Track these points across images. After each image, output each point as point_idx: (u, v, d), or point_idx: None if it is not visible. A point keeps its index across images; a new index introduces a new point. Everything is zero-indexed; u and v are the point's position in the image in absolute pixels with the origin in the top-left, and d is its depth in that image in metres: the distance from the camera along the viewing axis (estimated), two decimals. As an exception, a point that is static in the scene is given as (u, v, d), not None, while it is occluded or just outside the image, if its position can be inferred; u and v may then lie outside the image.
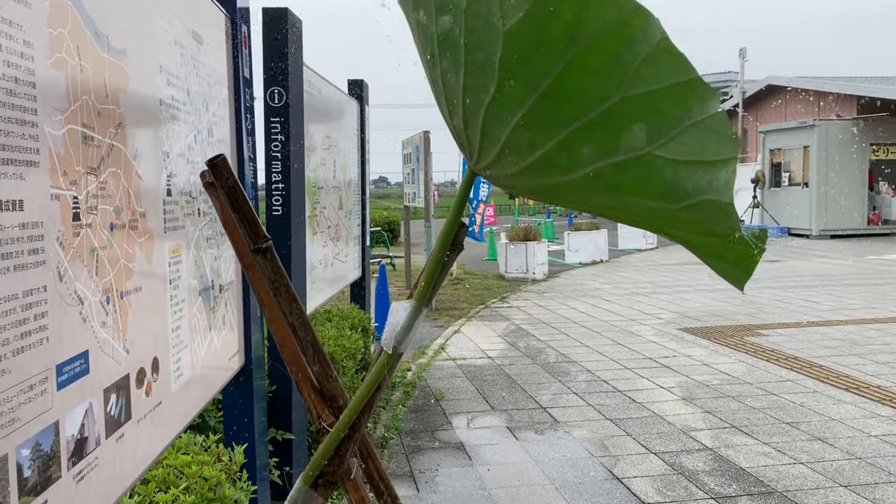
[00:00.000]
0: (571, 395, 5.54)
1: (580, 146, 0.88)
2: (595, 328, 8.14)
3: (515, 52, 0.85)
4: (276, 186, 3.24)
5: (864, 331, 7.67)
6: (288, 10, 3.27)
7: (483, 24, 0.86)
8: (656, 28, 0.78)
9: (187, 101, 2.10)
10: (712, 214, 0.83)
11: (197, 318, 2.19)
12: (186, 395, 2.08)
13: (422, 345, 7.48)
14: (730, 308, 9.21)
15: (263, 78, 3.28)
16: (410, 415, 5.11)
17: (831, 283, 11.40)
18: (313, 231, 3.81)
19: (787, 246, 17.81)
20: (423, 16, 0.97)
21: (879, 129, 19.51)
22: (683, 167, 0.82)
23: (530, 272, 12.83)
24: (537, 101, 0.87)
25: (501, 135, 0.93)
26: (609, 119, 0.85)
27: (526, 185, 1.01)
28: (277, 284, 1.04)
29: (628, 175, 0.87)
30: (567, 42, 0.81)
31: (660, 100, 0.81)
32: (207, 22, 2.37)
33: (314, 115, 3.88)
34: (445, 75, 0.98)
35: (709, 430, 4.68)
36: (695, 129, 0.80)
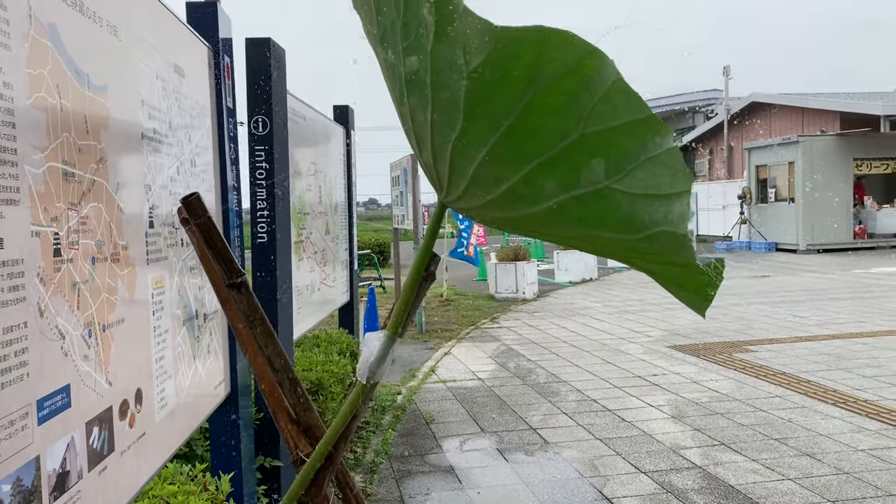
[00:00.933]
0: (561, 415, 5.55)
1: (543, 180, 0.91)
2: (585, 347, 8.16)
3: (479, 92, 0.88)
4: (260, 214, 3.26)
5: (851, 345, 7.72)
6: (271, 40, 3.32)
7: (448, 64, 0.89)
8: (611, 69, 0.81)
9: (169, 134, 2.13)
10: (669, 245, 0.86)
11: (181, 347, 2.20)
12: (171, 425, 2.09)
13: (412, 367, 7.47)
14: (718, 325, 9.25)
15: (247, 107, 3.31)
16: (400, 439, 5.10)
17: (819, 297, 11.48)
18: (299, 257, 3.83)
19: (775, 261, 17.93)
20: (392, 55, 1.00)
21: (862, 143, 19.75)
22: (640, 200, 0.85)
23: (520, 292, 12.85)
24: (501, 138, 0.90)
25: (468, 169, 0.96)
26: (569, 155, 0.88)
27: (493, 217, 1.04)
28: (253, 318, 1.06)
29: (589, 208, 0.90)
30: (527, 82, 0.85)
31: (616, 136, 0.84)
32: (189, 54, 2.40)
33: (299, 141, 3.91)
34: (414, 112, 1.01)
35: (698, 448, 4.69)
36: (650, 164, 0.83)
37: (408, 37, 0.93)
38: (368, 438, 5.04)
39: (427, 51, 0.91)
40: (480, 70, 0.86)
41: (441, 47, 0.89)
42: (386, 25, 0.98)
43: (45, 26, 1.36)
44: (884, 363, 6.85)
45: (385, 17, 0.97)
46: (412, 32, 0.92)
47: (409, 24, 0.92)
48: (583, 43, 0.81)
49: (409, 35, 0.93)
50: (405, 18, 0.93)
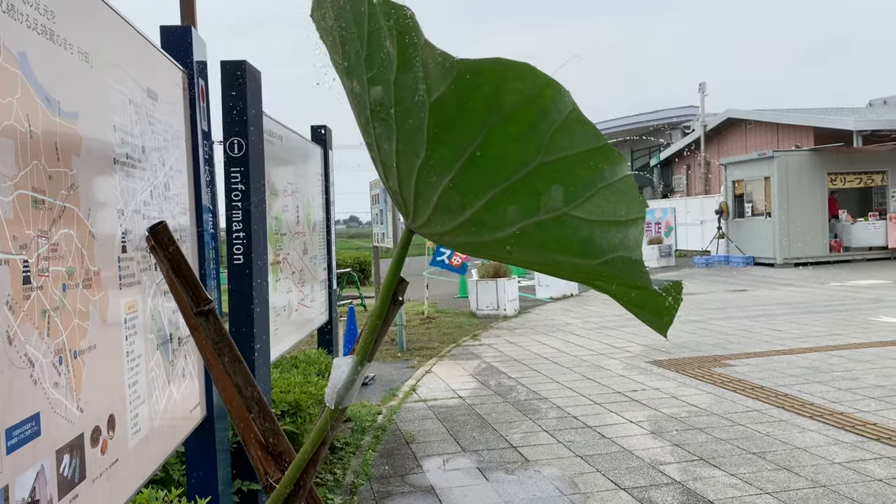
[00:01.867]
0: (542, 432, 5.55)
1: (506, 206, 0.93)
2: (565, 364, 8.18)
3: (441, 121, 0.90)
4: (237, 235, 3.26)
5: (828, 358, 7.80)
6: (246, 63, 3.33)
7: (411, 94, 0.91)
8: (567, 99, 0.84)
9: (143, 158, 2.13)
10: (625, 269, 0.88)
11: (155, 371, 2.19)
12: (145, 450, 2.07)
13: (393, 387, 7.45)
14: (697, 339, 9.32)
15: (223, 129, 3.32)
16: (380, 459, 5.08)
17: (796, 311, 11.60)
18: (277, 277, 3.82)
19: (753, 275, 18.11)
20: (357, 85, 1.02)
21: (835, 158, 20.06)
22: (598, 226, 0.87)
23: (501, 308, 12.87)
24: (464, 166, 0.92)
25: (433, 196, 0.98)
26: (530, 182, 0.90)
27: (460, 242, 1.06)
28: (221, 345, 1.07)
29: (549, 233, 0.92)
30: (487, 112, 0.87)
31: (574, 164, 0.86)
32: (163, 79, 2.41)
33: (275, 162, 3.92)
34: (380, 140, 1.02)
35: (677, 464, 4.71)
36: (606, 192, 0.85)
37: (372, 68, 0.95)
38: (348, 459, 5.02)
39: (391, 81, 0.93)
40: (442, 100, 0.87)
41: (404, 78, 0.91)
42: (351, 56, 1.00)
43: (14, 55, 1.36)
44: (859, 375, 6.93)
45: (350, 49, 0.99)
46: (376, 64, 0.94)
47: (373, 55, 0.94)
48: (540, 74, 0.83)
49: (373, 66, 0.95)
50: (369, 50, 0.95)
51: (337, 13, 1.00)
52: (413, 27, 0.83)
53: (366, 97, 1.00)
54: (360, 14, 0.94)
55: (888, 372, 7.01)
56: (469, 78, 0.84)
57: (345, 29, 0.99)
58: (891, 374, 6.94)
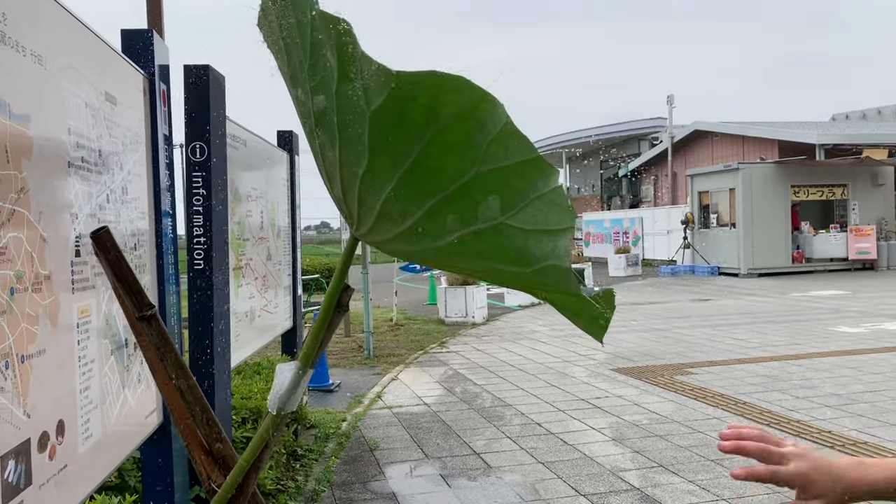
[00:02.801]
0: (505, 439, 5.58)
1: (445, 215, 0.95)
2: (531, 371, 8.22)
3: (381, 131, 0.91)
4: (197, 240, 3.24)
5: (787, 367, 7.95)
6: (210, 67, 3.32)
7: (352, 104, 0.93)
8: (502, 112, 0.86)
9: (99, 162, 2.12)
10: (556, 277, 0.90)
11: (109, 377, 2.17)
12: (97, 456, 2.05)
13: (359, 393, 7.43)
14: (661, 348, 9.43)
15: (185, 133, 3.30)
16: (343, 466, 5.06)
17: (757, 320, 11.80)
18: (238, 283, 3.80)
19: (718, 285, 18.38)
20: (301, 94, 1.03)
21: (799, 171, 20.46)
22: (531, 235, 0.90)
23: (470, 316, 12.90)
24: (404, 175, 0.94)
25: (376, 204, 1.00)
26: (467, 191, 0.92)
27: (402, 250, 1.08)
28: (164, 350, 1.07)
29: (487, 242, 0.94)
30: (425, 123, 0.89)
31: (509, 175, 0.89)
32: (122, 82, 2.40)
33: (239, 167, 3.91)
34: (324, 149, 1.04)
35: (637, 470, 4.77)
36: (539, 202, 0.88)
37: (315, 77, 0.97)
38: (311, 466, 4.99)
39: (332, 91, 0.94)
40: (381, 111, 0.89)
41: (344, 88, 0.92)
42: (295, 65, 1.01)
43: (-38, 57, 1.35)
44: (817, 384, 7.07)
45: (294, 58, 1.01)
46: (318, 73, 0.96)
47: (316, 65, 0.96)
48: (476, 87, 0.86)
49: (316, 75, 0.96)
50: (311, 60, 0.96)
51: (281, 23, 1.01)
52: (350, 39, 0.85)
53: (310, 105, 1.02)
54: (302, 24, 0.95)
55: (844, 381, 7.17)
56: (406, 90, 0.86)
57: (289, 38, 1.01)
58: (847, 383, 7.09)
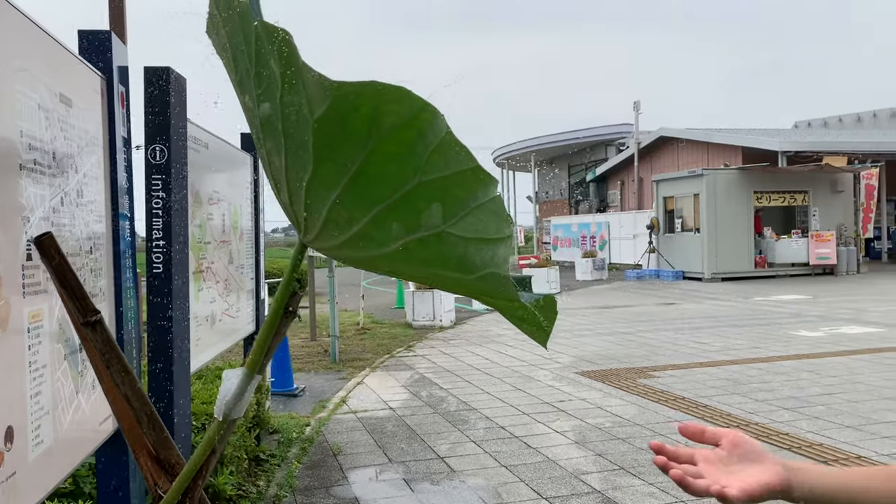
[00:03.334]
0: (469, 443, 5.60)
1: (389, 223, 0.97)
2: (497, 374, 8.26)
3: (324, 140, 0.92)
4: (157, 244, 3.21)
5: (747, 370, 8.09)
6: (170, 69, 3.29)
7: (296, 112, 0.94)
8: (442, 123, 0.88)
9: (53, 164, 2.10)
10: (496, 284, 0.92)
11: (61, 382, 2.14)
12: (48, 463, 2.03)
13: (323, 398, 7.40)
14: (625, 351, 9.54)
15: (145, 136, 3.27)
16: (306, 471, 5.04)
17: (720, 324, 11.98)
18: (199, 287, 3.77)
19: (682, 289, 18.62)
20: (249, 101, 1.04)
21: (761, 177, 20.83)
22: (472, 243, 0.91)
23: (437, 319, 12.92)
24: (349, 182, 0.95)
25: (322, 211, 1.01)
26: (410, 200, 0.93)
27: (349, 256, 1.08)
28: (109, 356, 1.07)
29: (431, 249, 0.96)
30: (367, 132, 0.90)
31: (450, 185, 0.90)
32: (79, 84, 2.37)
33: (201, 170, 3.88)
34: (270, 155, 1.04)
35: (598, 473, 4.82)
36: (479, 211, 0.90)
37: (260, 85, 0.98)
38: (273, 471, 4.96)
39: (277, 99, 0.95)
40: (323, 119, 0.90)
41: (288, 96, 0.93)
42: (242, 73, 1.02)
43: None
44: (776, 387, 7.21)
45: (241, 66, 1.01)
46: (264, 81, 0.97)
47: (261, 73, 0.97)
48: (417, 98, 0.87)
49: (262, 83, 0.97)
50: (257, 68, 0.97)
51: (229, 31, 1.02)
52: (290, 49, 0.86)
53: (256, 113, 1.03)
54: (248, 33, 0.96)
55: (802, 384, 7.32)
56: (348, 99, 0.87)
57: (236, 46, 1.01)
58: (805, 385, 7.24)
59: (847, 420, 5.96)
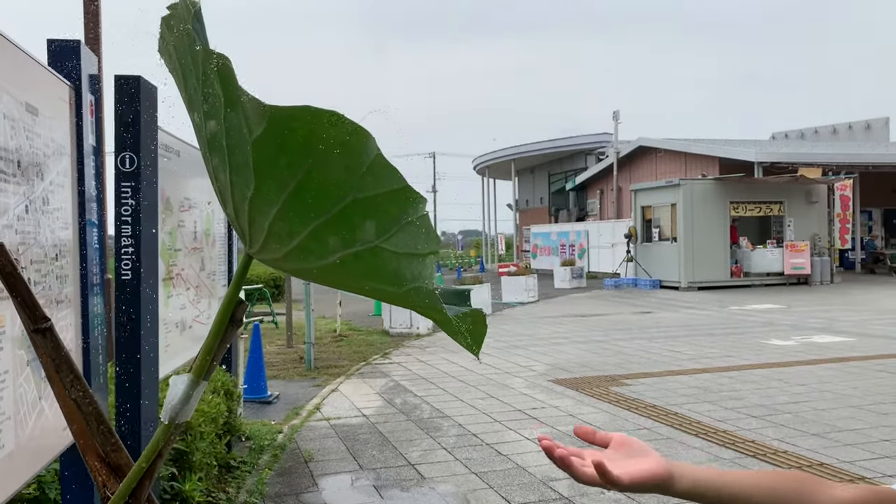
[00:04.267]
0: (441, 450, 5.64)
1: (327, 237, 1.02)
2: (471, 382, 8.31)
3: (264, 158, 0.98)
4: (125, 251, 3.23)
5: (718, 378, 8.20)
6: (141, 78, 3.32)
7: (237, 131, 0.99)
8: (373, 145, 0.93)
9: (17, 173, 2.12)
10: (425, 298, 0.98)
11: (24, 388, 2.16)
12: (10, 468, 2.05)
13: (297, 405, 7.41)
14: (599, 359, 9.63)
15: (115, 143, 3.30)
16: (277, 478, 5.06)
17: (695, 332, 12.12)
18: (168, 293, 3.79)
19: (658, 298, 18.80)
20: (197, 118, 1.09)
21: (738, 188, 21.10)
22: (403, 258, 0.97)
23: (414, 327, 12.94)
24: (289, 198, 1.00)
25: (265, 224, 1.05)
26: (346, 216, 0.99)
27: (292, 268, 1.13)
28: (58, 362, 1.11)
29: (365, 263, 1.01)
30: (304, 153, 0.95)
31: (382, 202, 0.96)
32: (45, 93, 2.40)
33: (171, 177, 3.90)
34: (217, 171, 1.09)
35: (567, 480, 4.88)
36: (409, 227, 0.95)
37: (207, 103, 1.02)
38: (243, 478, 4.97)
39: (221, 118, 1.00)
40: (262, 140, 0.95)
41: (231, 116, 0.98)
42: (191, 91, 1.07)
43: None
44: (745, 395, 7.32)
45: (189, 84, 1.06)
46: (210, 100, 1.01)
47: (207, 92, 1.01)
48: (349, 121, 0.92)
49: (208, 102, 1.02)
50: (204, 88, 1.02)
51: (178, 51, 1.07)
52: (229, 74, 0.91)
53: (204, 130, 1.07)
54: (195, 53, 1.01)
55: (771, 392, 7.44)
56: (283, 122, 0.93)
57: (185, 66, 1.06)
58: (773, 394, 7.36)
59: (812, 428, 6.07)
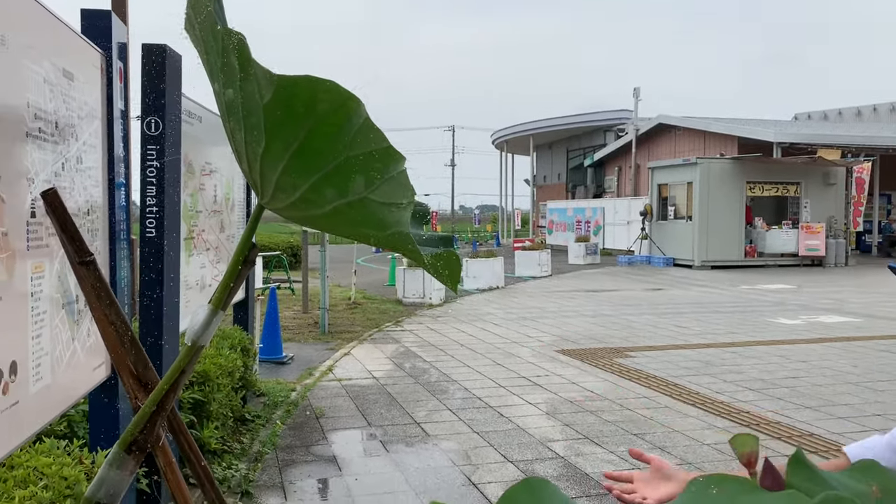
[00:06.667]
0: (446, 410, 5.88)
1: (325, 189, 1.22)
2: (480, 350, 8.54)
3: (273, 121, 1.17)
4: (150, 210, 3.45)
5: (721, 353, 8.37)
6: (166, 46, 3.52)
7: (251, 97, 1.19)
8: (363, 110, 1.12)
9: (55, 133, 2.33)
10: (403, 240, 1.17)
11: (59, 328, 2.39)
12: (47, 397, 2.28)
13: (310, 366, 7.68)
14: (606, 332, 9.82)
15: (141, 108, 3.50)
16: (289, 431, 5.32)
17: (703, 310, 12.26)
18: (189, 253, 4.02)
19: (671, 275, 18.90)
20: (217, 87, 1.28)
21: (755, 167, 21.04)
22: (386, 207, 1.17)
23: (427, 297, 13.18)
24: (292, 156, 1.20)
25: (273, 178, 1.26)
26: (341, 171, 1.18)
27: (295, 216, 1.33)
28: (99, 291, 1.32)
29: (356, 211, 1.21)
30: (306, 116, 1.15)
31: (370, 160, 1.15)
32: (80, 60, 2.60)
33: (193, 142, 4.11)
34: (234, 132, 1.29)
35: (564, 441, 5.10)
36: (392, 181, 1.15)
37: (225, 74, 1.22)
38: (257, 430, 5.24)
39: (237, 87, 1.20)
40: (271, 104, 1.15)
41: (245, 85, 1.18)
42: (212, 63, 1.26)
43: (-66, 38, 1.57)
44: (745, 370, 7.49)
45: (211, 57, 1.26)
46: (228, 71, 1.21)
47: (226, 64, 1.21)
48: (344, 89, 1.12)
49: (226, 73, 1.22)
50: (223, 60, 1.21)
51: (201, 29, 1.26)
52: (244, 49, 1.10)
53: (223, 97, 1.27)
54: (215, 32, 1.20)
55: (771, 368, 7.60)
56: (288, 88, 1.12)
57: (207, 42, 1.26)
58: (773, 369, 7.52)
59: (808, 402, 6.25)
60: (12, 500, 2.14)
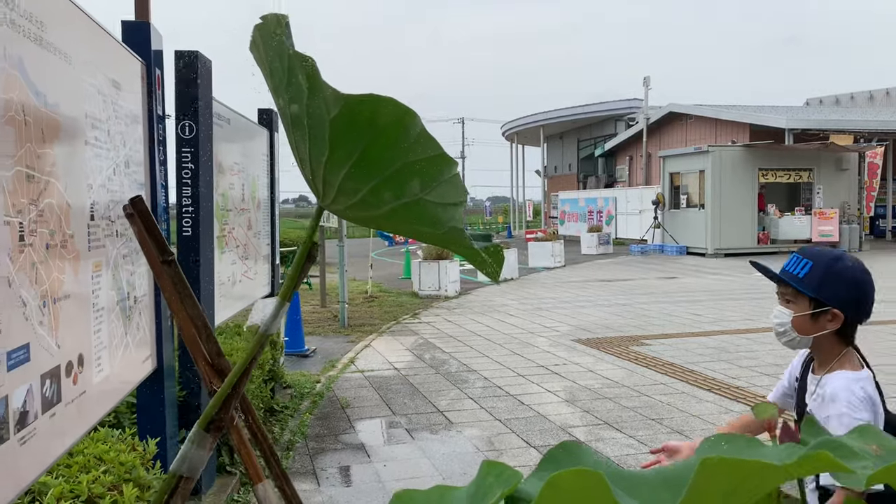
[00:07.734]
0: (467, 399, 6.03)
1: (383, 192, 1.36)
2: (497, 340, 8.68)
3: (337, 133, 1.32)
4: (185, 210, 3.61)
5: (736, 340, 8.48)
6: (198, 53, 3.67)
7: (317, 113, 1.33)
8: (418, 122, 1.26)
9: (108, 140, 2.49)
10: (457, 236, 1.31)
11: (115, 323, 2.55)
12: (106, 387, 2.45)
13: (332, 358, 7.85)
14: (621, 321, 9.94)
15: (175, 113, 3.66)
16: (317, 421, 5.49)
17: (718, 297, 12.35)
18: (221, 250, 4.18)
19: (684, 264, 18.96)
20: (282, 102, 1.43)
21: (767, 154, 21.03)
22: (440, 207, 1.31)
23: (443, 290, 13.33)
24: (354, 164, 1.34)
25: (336, 183, 1.40)
26: (398, 175, 1.33)
27: (355, 216, 1.48)
28: (179, 286, 1.47)
29: (413, 211, 1.35)
30: (368, 128, 1.29)
31: (425, 165, 1.29)
32: (125, 70, 2.76)
33: (223, 143, 4.26)
34: (298, 143, 1.43)
35: (584, 427, 5.25)
36: (445, 184, 1.29)
37: (290, 92, 1.37)
38: (286, 421, 5.41)
39: (304, 103, 1.34)
40: (337, 119, 1.30)
41: (312, 101, 1.32)
42: (277, 82, 1.41)
43: (15, 60, 1.72)
44: (761, 356, 7.60)
45: (276, 76, 1.40)
46: (293, 90, 1.36)
47: (291, 83, 1.36)
48: (402, 105, 1.26)
49: (291, 91, 1.36)
50: (288, 79, 1.36)
51: (267, 50, 1.40)
52: (314, 71, 1.24)
53: (287, 112, 1.42)
54: (283, 54, 1.35)
55: (786, 353, 7.67)
56: (354, 105, 1.26)
57: (272, 62, 1.40)
58: (788, 354, 7.56)
59: (823, 385, 6.35)
60: (80, 485, 2.31)
